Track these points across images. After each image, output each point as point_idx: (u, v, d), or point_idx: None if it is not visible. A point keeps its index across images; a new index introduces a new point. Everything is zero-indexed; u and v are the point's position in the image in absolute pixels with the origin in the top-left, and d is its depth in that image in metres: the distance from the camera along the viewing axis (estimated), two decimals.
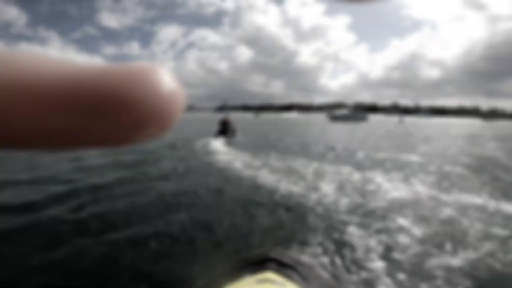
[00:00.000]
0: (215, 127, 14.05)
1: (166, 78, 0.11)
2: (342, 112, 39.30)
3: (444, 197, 4.49)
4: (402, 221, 3.47)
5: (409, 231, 3.22)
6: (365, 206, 4.02)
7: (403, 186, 5.15)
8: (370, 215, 3.68)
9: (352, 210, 3.85)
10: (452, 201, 4.26)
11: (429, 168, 7.01)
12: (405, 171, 6.52)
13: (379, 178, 5.66)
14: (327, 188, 4.79)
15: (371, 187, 5.00)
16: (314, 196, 4.35)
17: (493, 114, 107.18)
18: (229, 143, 11.22)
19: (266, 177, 5.50)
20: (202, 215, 3.67)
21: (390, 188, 5.00)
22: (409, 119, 68.05)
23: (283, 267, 0.72)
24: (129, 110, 0.10)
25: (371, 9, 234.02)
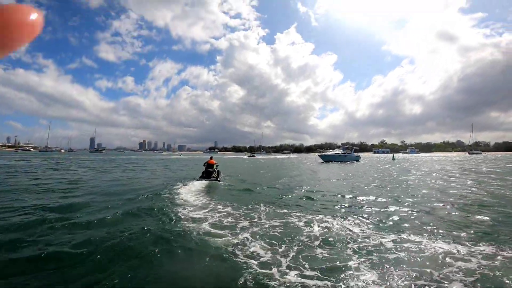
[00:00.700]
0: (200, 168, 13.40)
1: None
2: (335, 152, 37.65)
3: None
4: None
5: None
6: None
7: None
8: None
9: None
10: None
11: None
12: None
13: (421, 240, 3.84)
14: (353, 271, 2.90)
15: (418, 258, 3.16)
16: None
17: (477, 147, 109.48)
18: (213, 191, 9.35)
19: (253, 251, 3.55)
20: None
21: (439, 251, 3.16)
22: (398, 156, 67.75)
23: None
24: None
25: (355, 46, 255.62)
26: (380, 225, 4.86)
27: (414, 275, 2.82)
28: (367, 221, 5.14)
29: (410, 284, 2.64)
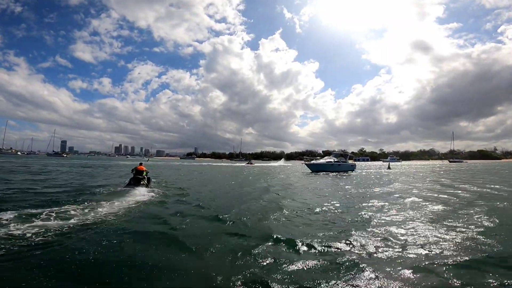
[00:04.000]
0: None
1: None
2: (326, 160, 29.88)
3: None
4: None
5: None
6: None
7: None
8: None
9: None
10: None
11: None
12: None
13: None
14: None
15: None
16: None
17: (452, 155, 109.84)
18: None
19: None
20: None
21: None
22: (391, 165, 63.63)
23: None
24: None
25: (336, 54, 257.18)
26: None
27: None
28: None
29: None
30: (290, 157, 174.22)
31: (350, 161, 32.64)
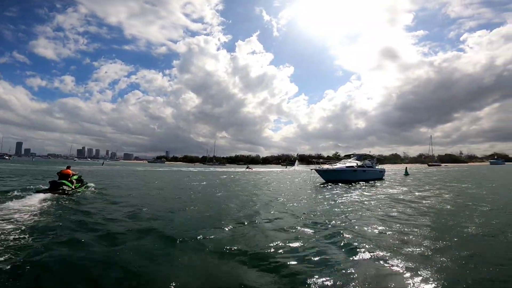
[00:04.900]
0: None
1: None
2: (346, 165, 21.98)
3: None
4: None
5: None
6: None
7: None
8: None
9: None
10: None
11: None
12: None
13: None
14: None
15: None
16: None
17: (423, 159, 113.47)
18: None
19: None
20: None
21: None
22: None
23: None
24: None
25: (311, 59, 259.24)
26: None
27: None
28: None
29: None
30: (266, 161, 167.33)
31: (378, 167, 25.30)
